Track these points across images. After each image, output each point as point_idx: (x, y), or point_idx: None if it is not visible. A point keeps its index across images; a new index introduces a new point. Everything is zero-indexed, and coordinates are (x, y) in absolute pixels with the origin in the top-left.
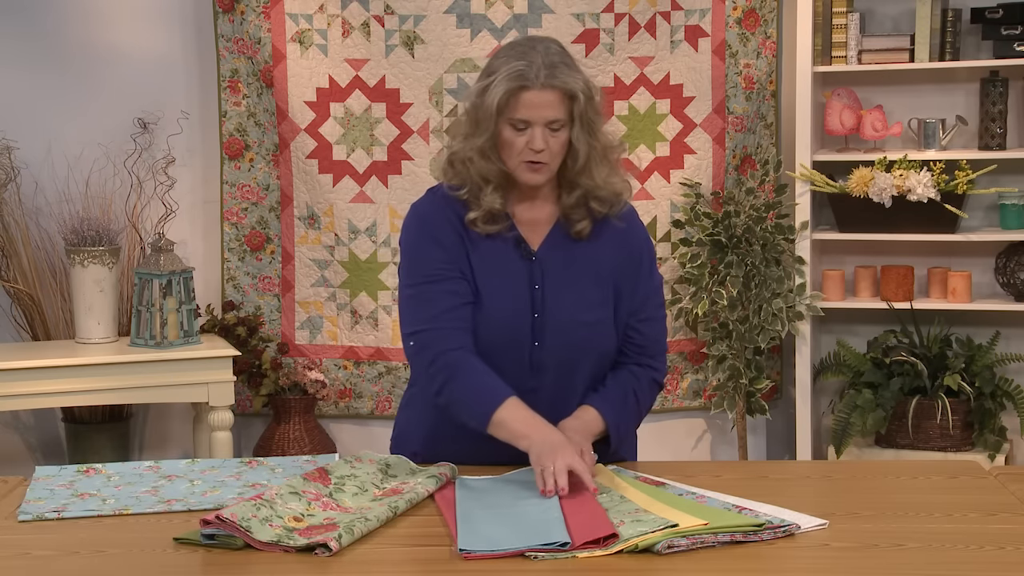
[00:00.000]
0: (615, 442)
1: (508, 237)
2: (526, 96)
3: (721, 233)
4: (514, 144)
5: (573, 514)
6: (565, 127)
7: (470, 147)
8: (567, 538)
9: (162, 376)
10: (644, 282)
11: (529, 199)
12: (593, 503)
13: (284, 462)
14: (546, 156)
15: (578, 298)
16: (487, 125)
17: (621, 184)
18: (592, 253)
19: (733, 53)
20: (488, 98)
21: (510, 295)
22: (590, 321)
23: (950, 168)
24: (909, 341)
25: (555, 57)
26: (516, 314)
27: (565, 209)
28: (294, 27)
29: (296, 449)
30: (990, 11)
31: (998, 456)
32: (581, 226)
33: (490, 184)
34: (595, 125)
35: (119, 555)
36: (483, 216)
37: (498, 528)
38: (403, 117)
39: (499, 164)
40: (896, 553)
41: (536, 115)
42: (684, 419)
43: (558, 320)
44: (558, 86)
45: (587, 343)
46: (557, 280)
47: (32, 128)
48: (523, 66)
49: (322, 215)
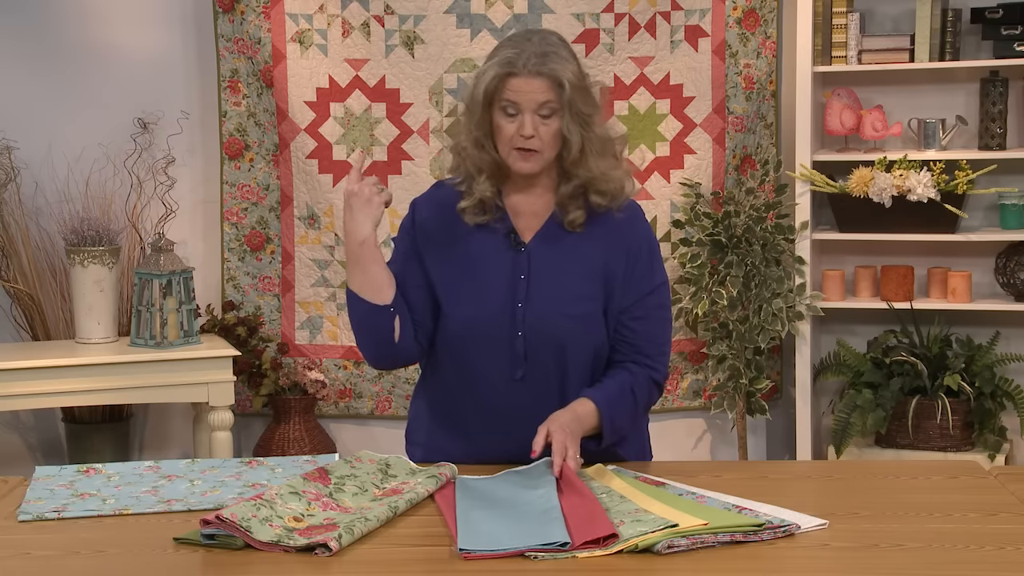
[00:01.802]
0: (609, 436)
1: (499, 228)
2: (514, 82)
3: (721, 233)
4: (505, 130)
5: (573, 514)
6: (556, 115)
7: (464, 136)
8: (567, 538)
9: (162, 376)
10: (639, 279)
11: (526, 189)
12: (593, 502)
13: (284, 462)
14: (536, 143)
15: (565, 291)
16: (477, 110)
17: (624, 176)
18: (585, 246)
19: (733, 53)
20: (478, 85)
21: (494, 285)
22: (576, 314)
23: (950, 168)
24: (909, 341)
25: (549, 47)
26: (499, 303)
27: (561, 199)
28: (294, 27)
29: (296, 449)
30: (990, 11)
31: (998, 456)
32: (574, 216)
33: (483, 174)
34: (588, 116)
35: (119, 555)
36: (473, 206)
37: (498, 528)
38: (403, 117)
39: (492, 153)
40: (896, 553)
41: (524, 100)
42: (684, 419)
43: (542, 312)
44: (545, 73)
45: (573, 336)
46: (544, 272)
47: (32, 128)
48: (513, 54)
49: (322, 215)
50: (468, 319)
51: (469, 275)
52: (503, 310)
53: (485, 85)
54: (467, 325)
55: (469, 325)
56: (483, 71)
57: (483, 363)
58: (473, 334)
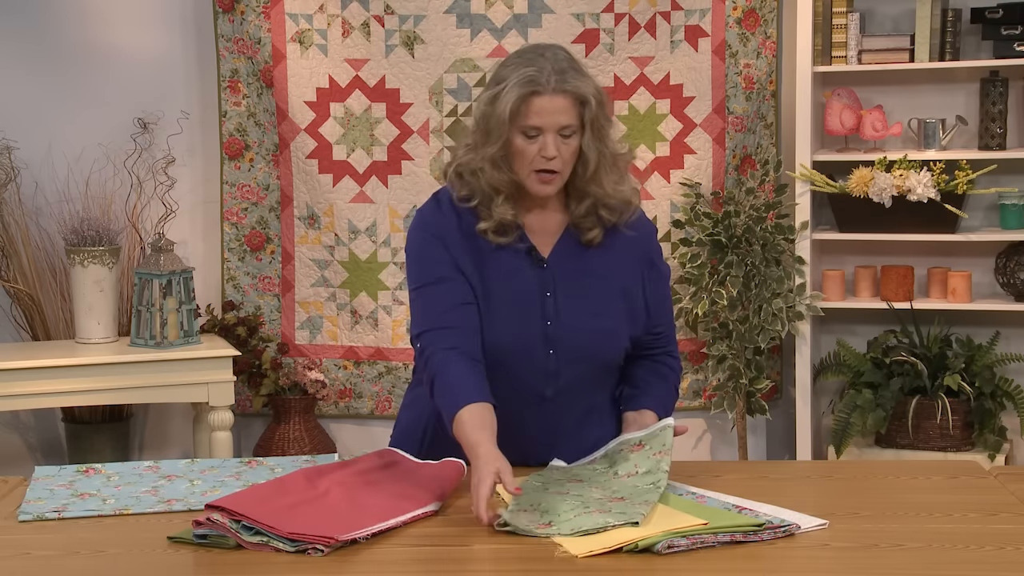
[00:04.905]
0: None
1: (519, 247)
2: (537, 102)
3: (721, 233)
4: (526, 152)
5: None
6: (576, 134)
7: (480, 157)
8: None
9: (162, 376)
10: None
11: (539, 207)
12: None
13: (284, 462)
14: (558, 164)
15: (590, 305)
16: (499, 133)
17: (630, 192)
18: (604, 260)
19: (733, 53)
20: (499, 105)
21: (522, 304)
22: (604, 328)
23: (950, 168)
24: (909, 341)
25: (564, 63)
26: (529, 323)
27: (575, 219)
28: (294, 27)
29: (296, 449)
30: (990, 11)
31: (998, 456)
32: (592, 234)
33: (501, 195)
34: (605, 131)
35: (119, 555)
36: (494, 227)
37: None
38: (403, 117)
39: (510, 174)
40: (896, 553)
41: (548, 121)
42: (684, 419)
43: (571, 327)
44: (569, 91)
45: (601, 350)
46: (569, 288)
47: (32, 128)
48: (534, 72)
49: (322, 215)
50: (501, 341)
51: (498, 295)
52: (534, 329)
53: (510, 106)
54: (500, 347)
55: (502, 347)
56: (502, 91)
57: (515, 382)
58: (507, 355)
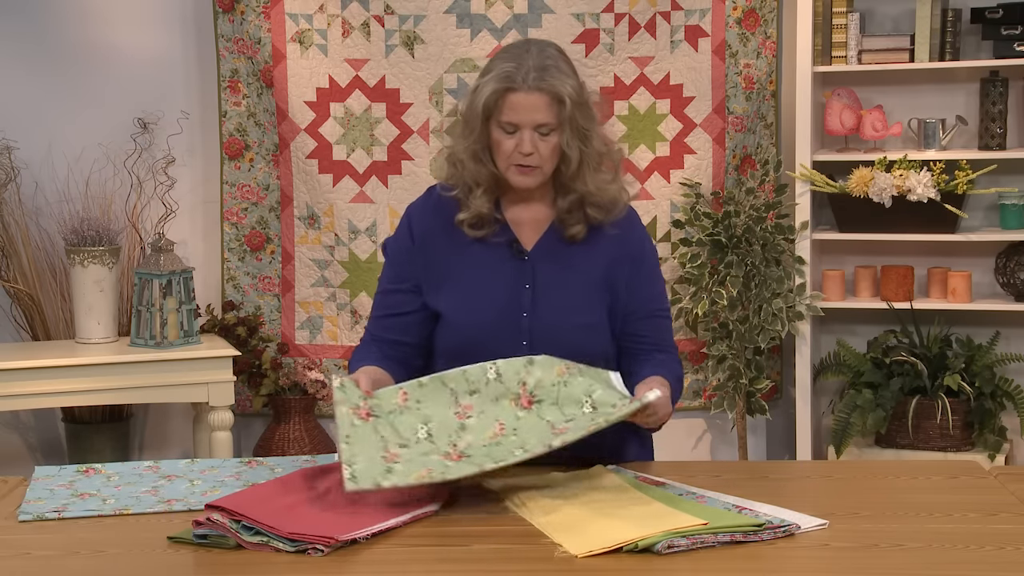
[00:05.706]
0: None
1: (499, 240)
2: (513, 98)
3: (721, 233)
4: (504, 146)
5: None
6: (555, 131)
7: (462, 149)
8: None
9: (162, 376)
10: (644, 283)
11: (524, 200)
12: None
13: (284, 462)
14: (535, 159)
15: (570, 301)
16: (474, 126)
17: (618, 191)
18: (587, 257)
19: (733, 53)
20: (476, 99)
21: (499, 295)
22: (581, 324)
23: (950, 168)
24: (909, 341)
25: (548, 60)
26: (505, 314)
27: (560, 213)
28: (294, 27)
29: (296, 449)
30: (990, 11)
31: (998, 456)
32: (575, 230)
33: (480, 187)
34: (587, 131)
35: (119, 555)
36: (471, 219)
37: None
38: (403, 117)
39: (490, 167)
40: (896, 553)
41: (524, 118)
42: (684, 419)
43: (548, 322)
44: (546, 89)
45: (578, 346)
46: (549, 282)
47: (32, 128)
48: (512, 68)
49: (322, 215)
50: (471, 328)
51: (471, 284)
52: (507, 319)
53: (484, 100)
54: (470, 334)
55: (472, 334)
56: (481, 85)
57: None
58: (476, 343)
